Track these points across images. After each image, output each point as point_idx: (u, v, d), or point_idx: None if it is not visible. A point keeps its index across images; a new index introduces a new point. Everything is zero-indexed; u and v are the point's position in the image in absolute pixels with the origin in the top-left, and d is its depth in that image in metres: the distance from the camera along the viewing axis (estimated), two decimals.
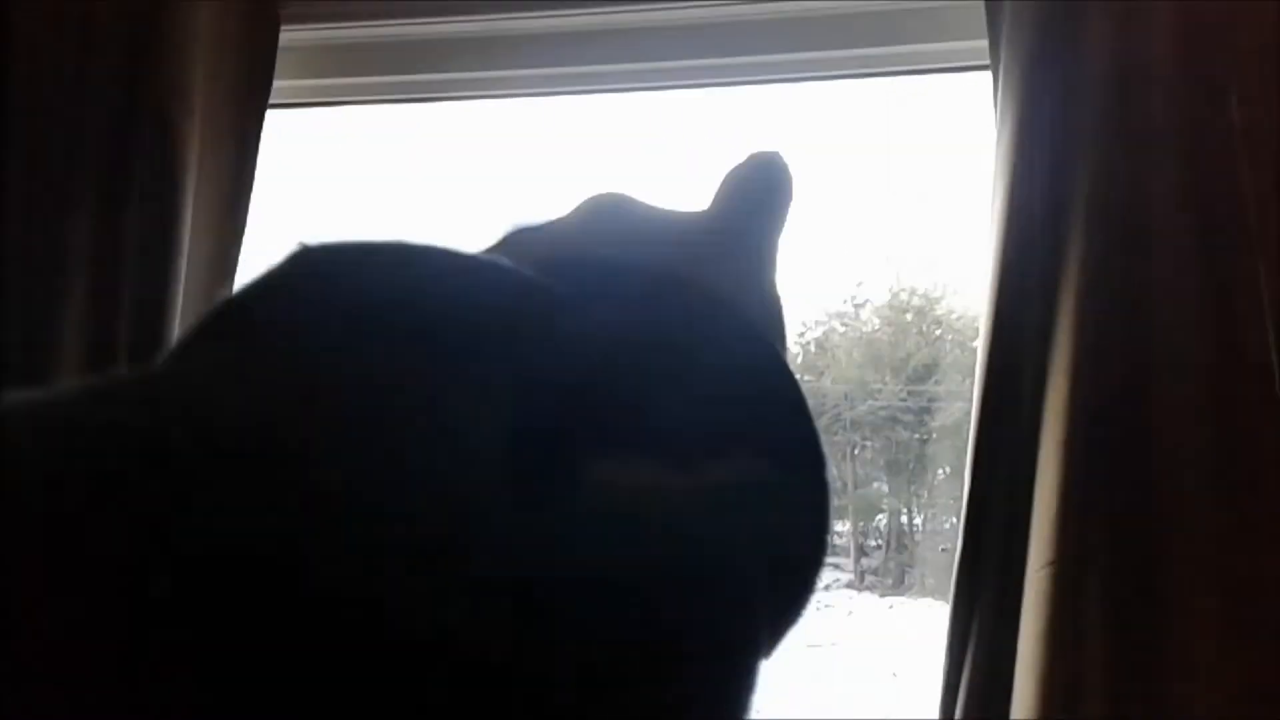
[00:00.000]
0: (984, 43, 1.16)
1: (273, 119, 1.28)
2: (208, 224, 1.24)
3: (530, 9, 1.32)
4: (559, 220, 0.34)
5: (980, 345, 1.14)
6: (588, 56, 1.36)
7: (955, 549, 1.12)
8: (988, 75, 1.17)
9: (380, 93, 1.42)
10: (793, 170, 0.37)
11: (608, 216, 0.33)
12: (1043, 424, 1.07)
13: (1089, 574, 1.05)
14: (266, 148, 1.27)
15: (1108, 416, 1.05)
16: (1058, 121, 1.08)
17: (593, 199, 0.34)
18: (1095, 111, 1.07)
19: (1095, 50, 1.07)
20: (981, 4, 1.16)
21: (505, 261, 0.25)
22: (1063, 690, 1.04)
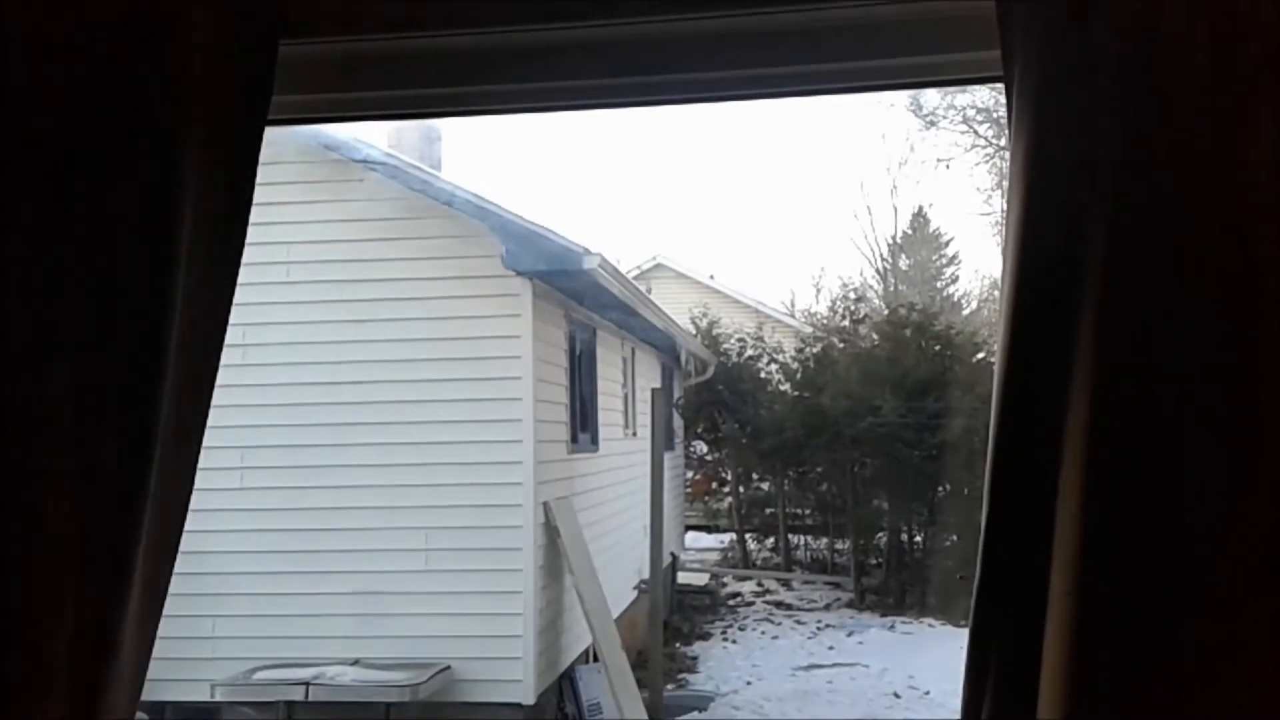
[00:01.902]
0: (996, 53, 1.14)
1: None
2: (204, 241, 1.21)
3: (539, 23, 1.29)
4: None
5: (997, 366, 1.11)
6: (599, 70, 1.33)
7: (974, 575, 1.09)
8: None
9: (382, 107, 1.39)
10: None
11: None
12: (1063, 446, 1.04)
13: (1112, 601, 1.02)
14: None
15: (1131, 438, 1.02)
16: (1074, 128, 1.06)
17: None
18: (1114, 115, 1.04)
19: (1112, 51, 1.05)
20: (993, 4, 1.13)
21: None
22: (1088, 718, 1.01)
